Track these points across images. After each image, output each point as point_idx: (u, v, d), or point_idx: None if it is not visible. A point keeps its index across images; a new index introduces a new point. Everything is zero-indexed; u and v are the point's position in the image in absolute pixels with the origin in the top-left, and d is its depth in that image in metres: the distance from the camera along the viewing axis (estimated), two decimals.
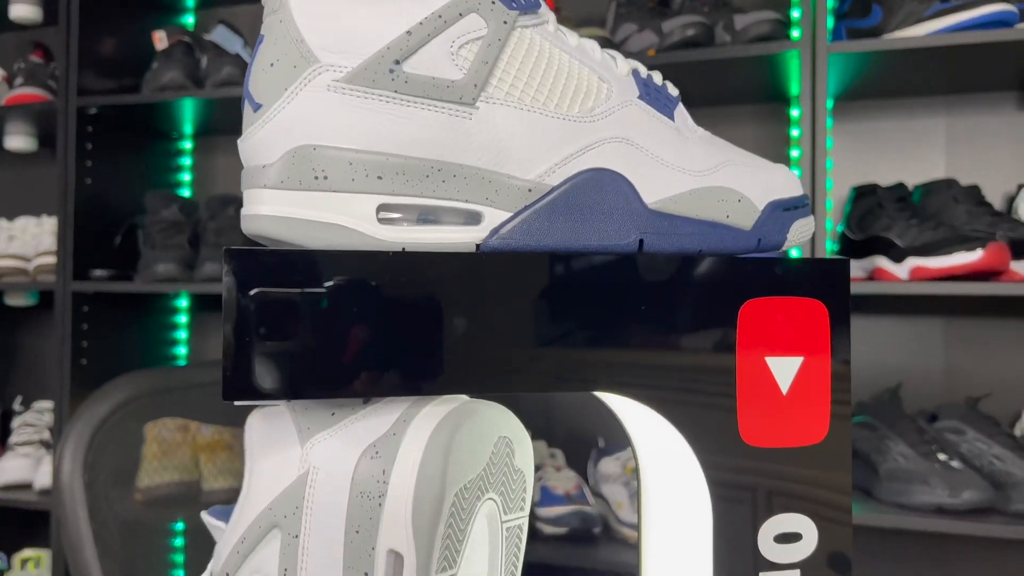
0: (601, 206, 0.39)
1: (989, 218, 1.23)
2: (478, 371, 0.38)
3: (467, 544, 0.37)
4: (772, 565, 0.41)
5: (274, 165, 0.37)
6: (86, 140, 1.61)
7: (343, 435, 0.38)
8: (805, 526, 0.41)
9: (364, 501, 0.36)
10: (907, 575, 1.39)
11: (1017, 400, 1.35)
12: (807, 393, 0.42)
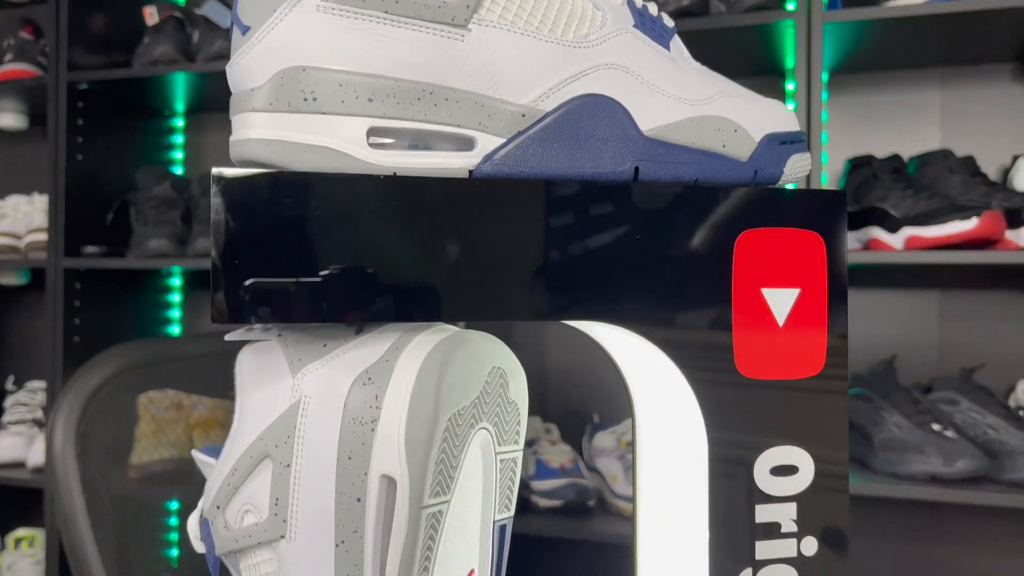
0: (596, 132, 0.38)
1: (984, 188, 1.22)
2: (470, 299, 0.37)
3: (461, 472, 0.37)
4: (768, 498, 0.41)
5: (263, 88, 0.36)
6: (77, 116, 1.60)
7: (335, 364, 0.38)
8: (801, 459, 0.41)
9: (357, 427, 0.36)
10: (901, 544, 1.40)
11: (1011, 372, 1.35)
12: (803, 325, 0.41)
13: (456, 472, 0.37)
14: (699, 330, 0.40)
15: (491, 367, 0.38)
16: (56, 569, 1.61)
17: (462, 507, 0.38)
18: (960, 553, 1.39)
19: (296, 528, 0.37)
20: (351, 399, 0.36)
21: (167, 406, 1.55)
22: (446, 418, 0.36)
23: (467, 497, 0.39)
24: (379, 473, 0.35)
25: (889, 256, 1.18)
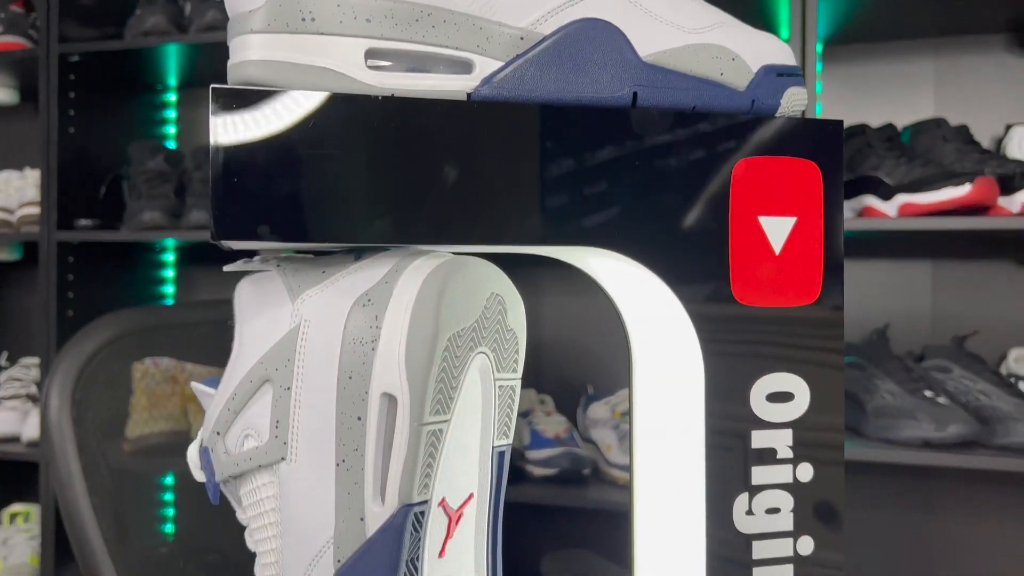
0: (595, 57, 0.38)
1: (977, 156, 1.23)
2: (468, 223, 0.38)
3: (460, 394, 0.37)
4: (764, 424, 0.41)
5: (260, 9, 0.36)
6: (69, 88, 1.59)
7: (334, 289, 0.38)
8: (797, 386, 0.42)
9: (357, 347, 0.36)
10: (893, 509, 1.41)
11: (1003, 341, 1.36)
12: (800, 254, 0.41)
13: (456, 393, 0.37)
14: (696, 258, 0.40)
15: (490, 293, 0.39)
16: (52, 544, 1.61)
17: (461, 430, 0.38)
18: (952, 518, 1.40)
19: (296, 449, 0.37)
20: (351, 320, 0.36)
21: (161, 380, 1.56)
22: (445, 338, 0.36)
23: (466, 421, 0.39)
24: (379, 391, 0.36)
25: (883, 223, 1.19)
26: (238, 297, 0.42)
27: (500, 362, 0.40)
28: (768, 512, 0.41)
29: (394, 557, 0.35)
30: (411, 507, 0.35)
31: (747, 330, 0.41)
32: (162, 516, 1.68)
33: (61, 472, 1.05)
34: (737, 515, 0.41)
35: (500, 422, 0.41)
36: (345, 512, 0.36)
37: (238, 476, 0.40)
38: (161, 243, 1.75)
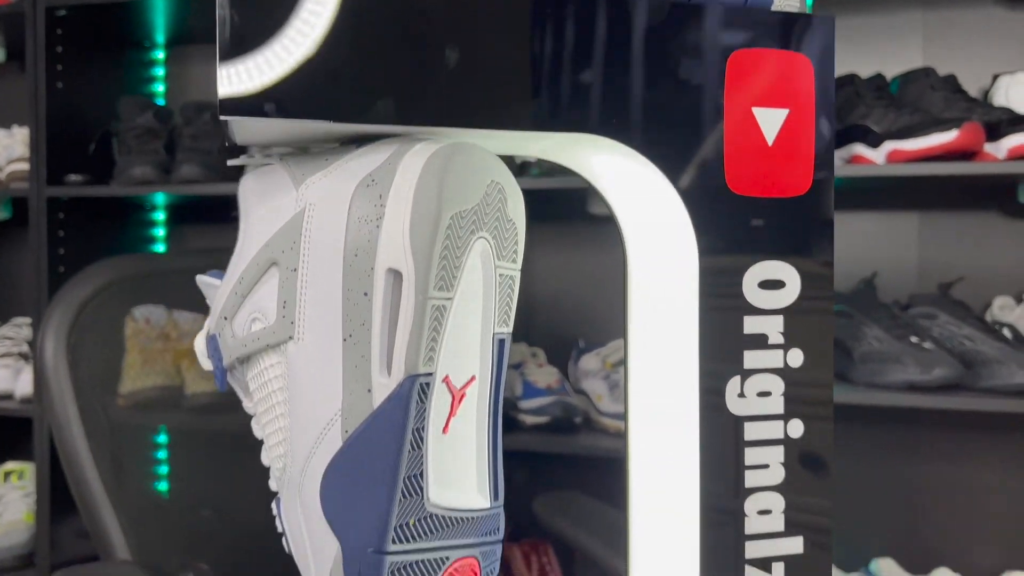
0: None
1: (965, 104, 1.24)
2: (469, 105, 0.38)
3: (462, 275, 0.38)
4: (757, 310, 0.42)
5: None
6: (56, 43, 1.58)
7: (338, 173, 0.39)
8: (788, 274, 0.43)
9: (362, 225, 0.37)
10: (880, 452, 1.44)
11: (988, 289, 1.38)
12: (792, 146, 0.42)
13: (458, 273, 0.38)
14: (692, 147, 0.41)
15: (490, 180, 0.39)
16: (47, 500, 1.62)
17: (464, 312, 0.39)
18: (936, 459, 1.43)
19: (304, 328, 0.38)
20: (355, 200, 0.37)
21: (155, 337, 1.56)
22: (448, 216, 0.37)
23: (468, 304, 0.40)
24: (385, 267, 0.36)
25: (871, 170, 1.20)
26: (242, 190, 0.43)
27: (500, 250, 0.41)
28: (759, 395, 0.42)
29: (401, 425, 0.36)
30: (416, 378, 0.36)
31: (741, 219, 0.42)
32: (156, 474, 1.69)
33: (58, 415, 1.06)
34: (729, 397, 0.42)
35: (501, 310, 0.42)
36: (352, 385, 0.37)
37: (245, 360, 0.41)
38: (151, 201, 1.75)
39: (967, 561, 1.38)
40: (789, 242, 0.43)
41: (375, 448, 0.37)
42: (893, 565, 1.39)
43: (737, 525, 0.43)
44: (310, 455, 0.38)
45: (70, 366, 1.06)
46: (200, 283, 0.45)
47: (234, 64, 0.35)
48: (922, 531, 1.44)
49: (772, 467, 0.43)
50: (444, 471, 0.39)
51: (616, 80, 0.40)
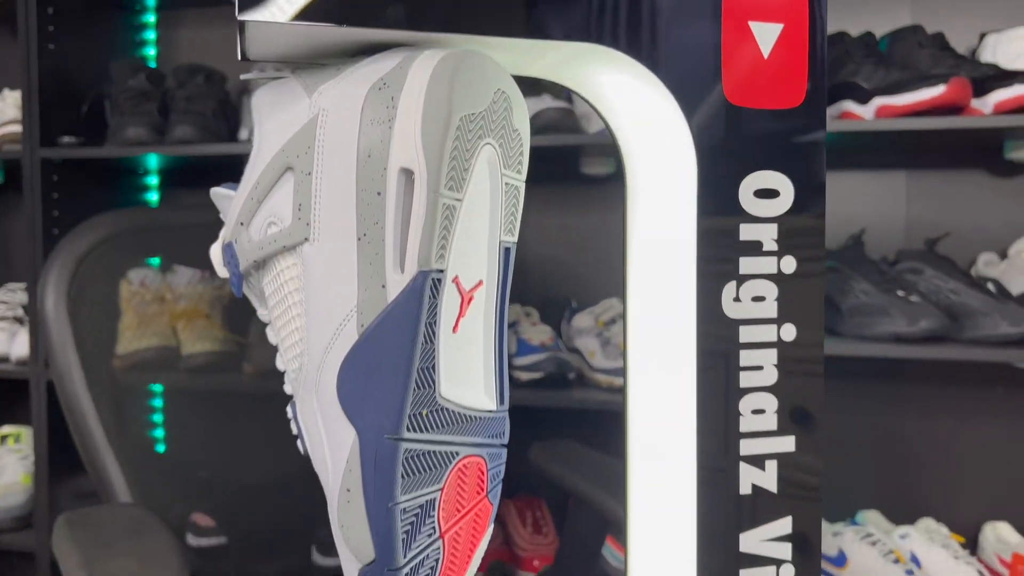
0: None
1: (952, 60, 1.26)
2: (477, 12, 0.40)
3: (471, 178, 0.40)
4: (752, 217, 0.44)
5: None
6: (48, 4, 1.57)
7: (350, 79, 0.40)
8: (782, 183, 0.45)
9: (374, 127, 0.38)
10: (866, 406, 1.47)
11: (974, 246, 1.40)
12: (787, 59, 0.44)
13: (467, 175, 0.39)
14: (692, 58, 0.43)
15: (497, 88, 0.41)
16: (45, 461, 1.63)
17: (472, 217, 0.41)
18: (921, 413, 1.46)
19: (319, 229, 0.40)
20: (368, 103, 0.39)
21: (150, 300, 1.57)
22: (458, 117, 0.38)
23: (477, 209, 0.41)
24: (397, 167, 0.38)
25: (860, 125, 1.22)
26: (256, 101, 0.44)
27: (506, 159, 0.42)
28: (754, 300, 0.44)
29: (414, 318, 0.38)
30: (429, 273, 0.38)
31: (738, 129, 0.44)
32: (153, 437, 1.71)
33: (59, 364, 1.08)
34: (726, 301, 0.44)
35: (506, 218, 0.43)
36: (367, 281, 0.39)
37: (262, 264, 0.42)
38: (144, 164, 1.75)
39: (950, 512, 1.42)
40: (783, 153, 0.44)
41: (390, 340, 0.38)
42: (879, 516, 1.43)
43: (732, 424, 0.45)
44: (327, 351, 0.40)
45: (70, 317, 1.08)
46: (214, 195, 0.46)
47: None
48: (907, 483, 1.48)
49: (766, 368, 0.45)
50: (454, 369, 0.41)
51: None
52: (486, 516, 0.45)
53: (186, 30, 1.83)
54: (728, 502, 0.44)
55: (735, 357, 0.44)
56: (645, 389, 0.47)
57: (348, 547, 0.41)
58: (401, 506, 0.39)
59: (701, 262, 0.44)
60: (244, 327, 1.64)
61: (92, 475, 1.04)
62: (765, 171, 0.44)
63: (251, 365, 1.56)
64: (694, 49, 0.43)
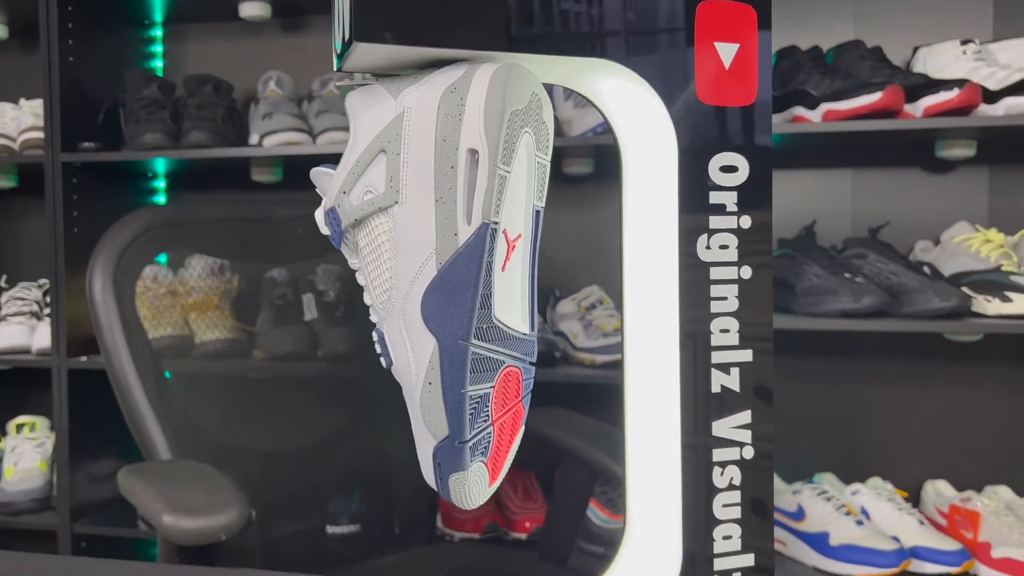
0: None
1: (889, 71, 1.44)
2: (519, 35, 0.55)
3: (516, 157, 0.55)
4: (718, 187, 0.60)
5: None
6: (68, 20, 1.69)
7: (427, 85, 0.55)
8: (740, 161, 0.60)
9: (448, 119, 0.53)
10: (819, 379, 1.64)
11: (912, 235, 1.58)
12: (742, 69, 0.60)
13: (513, 154, 0.54)
14: (673, 69, 0.58)
15: (532, 91, 0.56)
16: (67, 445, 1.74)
17: (515, 186, 0.56)
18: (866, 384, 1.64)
19: (406, 194, 0.55)
20: (443, 102, 0.54)
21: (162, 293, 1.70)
22: (508, 112, 0.53)
23: (519, 180, 0.56)
24: (466, 148, 0.53)
25: (809, 127, 1.39)
26: (350, 104, 0.59)
27: (539, 143, 0.57)
28: (720, 248, 0.60)
29: (479, 256, 0.53)
30: (488, 224, 0.53)
31: (707, 121, 0.59)
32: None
33: (107, 341, 1.21)
34: (700, 249, 0.59)
35: (537, 188, 0.58)
36: (444, 230, 0.53)
37: (360, 221, 0.57)
38: (154, 168, 1.87)
39: (895, 471, 1.59)
40: (740, 138, 0.60)
41: (461, 273, 0.53)
42: (833, 478, 1.59)
43: (705, 341, 0.60)
44: (412, 283, 0.55)
45: (116, 299, 1.21)
46: (315, 173, 0.61)
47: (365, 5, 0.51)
48: (857, 447, 1.65)
49: (729, 299, 0.60)
50: (502, 298, 0.56)
51: (620, 21, 0.57)
52: (520, 416, 0.60)
53: (190, 43, 1.96)
54: (703, 398, 0.60)
55: (706, 290, 0.60)
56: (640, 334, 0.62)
57: (427, 427, 0.55)
58: (468, 393, 0.54)
59: (682, 218, 0.59)
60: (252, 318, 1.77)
61: (136, 437, 1.17)
62: (727, 152, 0.60)
63: (261, 351, 1.70)
64: (674, 62, 0.58)
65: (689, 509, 0.61)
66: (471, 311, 0.53)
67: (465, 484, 0.56)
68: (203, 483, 0.96)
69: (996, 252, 1.45)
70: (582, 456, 1.20)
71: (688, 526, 0.61)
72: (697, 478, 0.60)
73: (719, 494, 0.61)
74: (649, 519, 0.63)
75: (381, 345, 0.59)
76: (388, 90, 0.57)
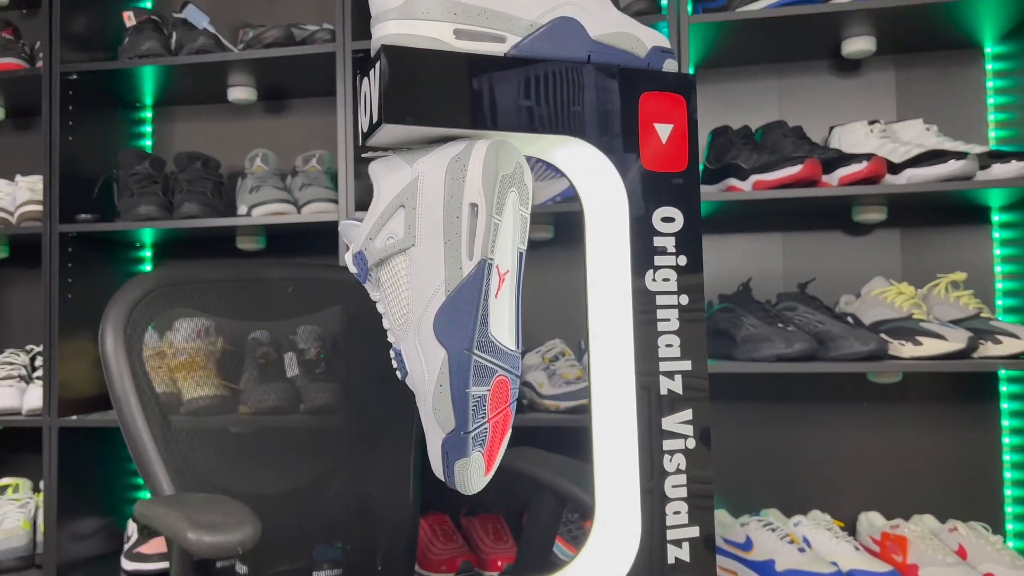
0: (568, 36, 0.74)
1: (808, 146, 1.65)
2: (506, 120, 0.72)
3: (505, 209, 0.71)
4: (660, 233, 0.77)
5: (396, 8, 0.70)
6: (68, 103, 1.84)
7: (436, 155, 0.72)
8: (676, 213, 0.77)
9: (453, 181, 0.70)
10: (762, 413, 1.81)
11: (837, 290, 1.78)
12: (675, 144, 0.78)
13: (504, 207, 0.71)
14: (624, 143, 0.76)
15: (516, 160, 0.73)
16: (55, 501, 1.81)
17: (505, 232, 0.72)
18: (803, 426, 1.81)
19: (420, 239, 0.70)
20: (449, 168, 0.70)
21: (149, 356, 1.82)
22: (500, 175, 0.70)
23: (507, 228, 0.72)
24: (468, 202, 0.69)
25: (741, 196, 1.59)
26: (373, 170, 0.75)
27: (522, 200, 0.74)
28: (663, 280, 0.77)
29: (479, 285, 0.69)
30: (486, 260, 0.69)
31: (650, 185, 0.77)
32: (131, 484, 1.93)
33: (117, 390, 1.33)
34: (648, 281, 0.76)
35: (520, 234, 0.74)
36: (451, 265, 0.69)
37: (383, 261, 0.72)
38: (142, 239, 2.00)
39: (833, 505, 1.76)
40: (676, 195, 0.77)
41: (465, 298, 0.69)
42: (777, 512, 1.75)
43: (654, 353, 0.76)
44: (426, 307, 0.70)
45: (126, 352, 1.33)
46: (344, 225, 0.76)
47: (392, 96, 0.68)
48: (797, 483, 1.81)
49: (671, 320, 0.77)
50: (495, 319, 0.72)
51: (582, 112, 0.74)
52: (508, 419, 0.75)
53: (176, 123, 2.12)
54: (655, 400, 0.76)
55: (653, 312, 0.76)
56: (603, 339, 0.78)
57: (438, 422, 0.70)
58: (471, 393, 0.69)
59: (633, 262, 0.76)
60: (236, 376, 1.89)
61: (144, 477, 1.28)
62: (666, 207, 0.77)
63: (246, 406, 1.81)
64: (625, 138, 0.76)
65: (646, 491, 0.76)
66: (473, 327, 0.69)
67: (467, 470, 0.71)
68: (217, 506, 1.08)
69: (908, 303, 1.65)
70: (551, 486, 1.33)
71: (645, 504, 0.75)
72: (651, 465, 0.76)
73: (669, 477, 0.76)
74: (614, 502, 0.78)
75: (398, 360, 0.74)
76: (404, 159, 0.73)
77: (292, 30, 1.81)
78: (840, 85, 1.84)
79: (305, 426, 1.77)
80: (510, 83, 0.72)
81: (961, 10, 1.56)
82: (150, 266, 2.10)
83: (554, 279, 1.87)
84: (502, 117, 0.72)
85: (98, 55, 1.94)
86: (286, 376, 1.85)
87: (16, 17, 2.16)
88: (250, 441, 1.72)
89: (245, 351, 1.89)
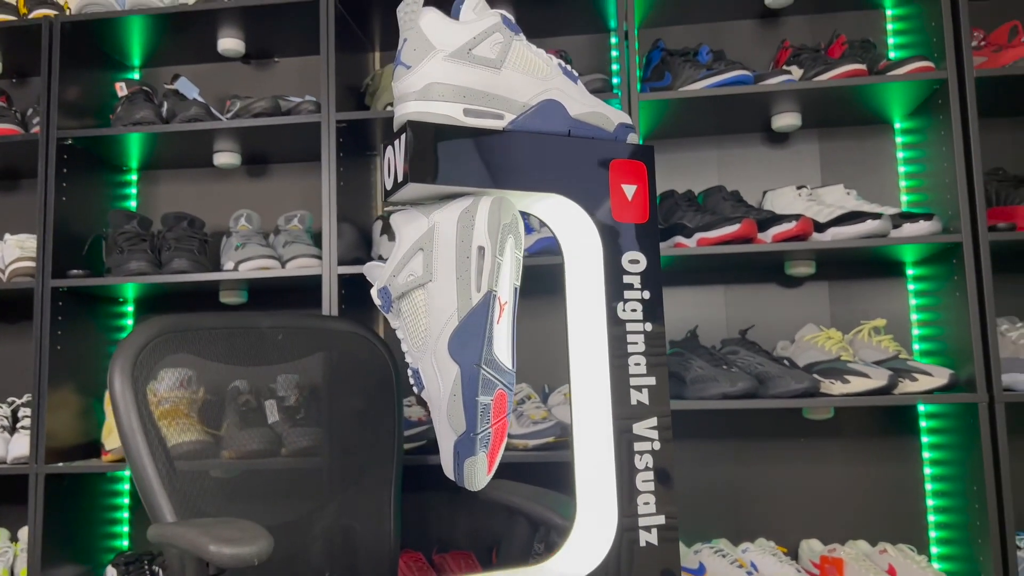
0: (553, 114, 0.92)
1: (745, 208, 1.86)
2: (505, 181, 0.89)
3: (505, 252, 0.87)
4: (628, 273, 0.94)
5: (416, 92, 0.87)
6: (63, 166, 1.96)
7: (450, 208, 0.88)
8: (640, 257, 0.95)
9: (464, 229, 0.86)
10: (707, 438, 1.97)
11: (774, 337, 1.98)
12: (639, 201, 0.95)
13: (504, 250, 0.87)
14: (598, 200, 0.93)
15: (513, 213, 0.89)
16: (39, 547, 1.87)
17: (504, 269, 0.88)
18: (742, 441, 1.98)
19: (436, 275, 0.86)
20: (460, 218, 0.86)
21: None
22: (502, 224, 0.86)
23: (506, 266, 0.89)
24: (476, 245, 0.85)
25: (687, 251, 1.78)
26: (395, 221, 0.91)
27: (517, 244, 0.90)
28: (631, 310, 0.93)
29: (486, 312, 0.84)
30: (491, 292, 0.85)
31: (620, 234, 0.94)
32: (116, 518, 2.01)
33: (125, 429, 1.44)
34: (619, 311, 0.93)
35: (516, 273, 0.91)
36: (462, 297, 0.85)
37: (404, 294, 0.87)
38: (125, 295, 2.10)
39: (777, 533, 1.92)
40: (640, 242, 0.95)
41: (475, 323, 0.84)
42: (726, 541, 1.90)
43: (625, 371, 0.92)
44: (441, 331, 0.85)
45: (133, 392, 1.44)
46: (368, 267, 0.91)
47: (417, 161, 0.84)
48: (744, 514, 1.97)
49: (639, 343, 0.93)
50: (498, 341, 0.87)
51: (562, 177, 0.92)
52: (506, 427, 0.91)
53: (160, 185, 2.25)
54: (627, 408, 0.92)
55: (624, 336, 0.92)
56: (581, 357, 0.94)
57: (451, 427, 0.85)
58: (480, 400, 0.84)
59: (608, 295, 0.92)
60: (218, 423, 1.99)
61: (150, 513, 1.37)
62: (632, 251, 0.94)
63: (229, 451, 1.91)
64: (599, 196, 0.93)
65: (621, 485, 0.91)
66: (481, 346, 0.84)
67: (474, 467, 0.85)
68: (231, 524, 1.19)
69: (836, 346, 1.86)
70: (523, 510, 1.47)
71: (620, 496, 0.91)
72: (624, 462, 0.91)
73: (639, 473, 0.91)
74: (593, 495, 0.93)
75: (415, 377, 0.88)
76: (421, 211, 0.89)
77: (279, 101, 1.98)
78: (771, 155, 2.07)
79: (287, 467, 1.88)
80: (508, 151, 0.89)
81: (874, 92, 1.80)
82: (131, 320, 2.20)
83: (521, 328, 2.03)
84: (502, 178, 0.89)
85: (88, 122, 2.07)
86: (267, 422, 1.96)
87: (7, 86, 2.29)
88: (236, 482, 1.82)
89: (226, 399, 1.99)
